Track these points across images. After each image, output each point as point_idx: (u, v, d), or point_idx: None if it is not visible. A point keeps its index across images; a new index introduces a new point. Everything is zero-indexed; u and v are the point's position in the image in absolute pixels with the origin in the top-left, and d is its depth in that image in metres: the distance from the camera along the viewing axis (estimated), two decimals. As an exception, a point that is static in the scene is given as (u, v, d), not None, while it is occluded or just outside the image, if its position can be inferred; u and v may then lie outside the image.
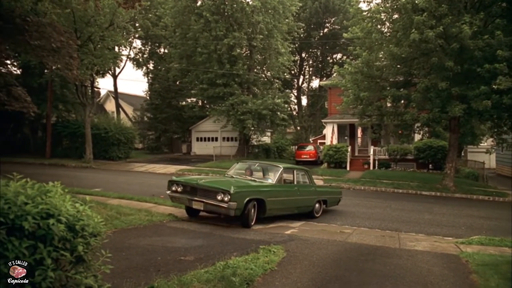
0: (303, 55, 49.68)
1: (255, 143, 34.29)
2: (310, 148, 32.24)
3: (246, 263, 5.19)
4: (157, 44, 41.70)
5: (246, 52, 32.62)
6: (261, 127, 32.50)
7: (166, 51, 40.03)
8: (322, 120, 31.65)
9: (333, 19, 46.07)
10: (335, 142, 27.16)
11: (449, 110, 16.14)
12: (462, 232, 9.93)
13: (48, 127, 28.11)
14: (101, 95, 45.25)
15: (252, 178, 9.86)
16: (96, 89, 31.10)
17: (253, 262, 5.32)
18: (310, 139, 44.04)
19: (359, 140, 29.64)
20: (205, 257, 5.63)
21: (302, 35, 40.87)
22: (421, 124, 19.01)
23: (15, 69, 28.14)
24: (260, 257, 5.63)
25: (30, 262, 2.04)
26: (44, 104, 26.96)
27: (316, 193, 11.05)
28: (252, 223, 8.71)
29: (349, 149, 25.69)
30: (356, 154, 28.19)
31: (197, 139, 38.31)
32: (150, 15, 37.88)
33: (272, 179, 9.90)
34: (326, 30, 47.98)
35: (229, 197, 8.05)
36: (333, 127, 27.73)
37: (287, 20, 32.65)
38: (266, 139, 37.64)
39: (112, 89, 43.28)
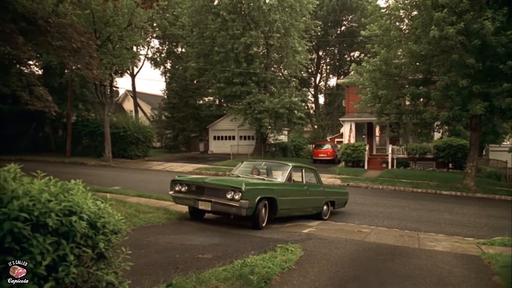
0: (320, 53, 49.40)
1: (272, 142, 34.28)
2: (327, 146, 32.07)
3: (263, 262, 5.19)
4: (175, 44, 42.05)
5: (263, 51, 32.62)
6: (278, 125, 32.47)
7: (183, 50, 40.32)
8: (340, 119, 31.43)
9: (350, 16, 45.72)
10: (352, 140, 26.94)
11: (470, 108, 15.83)
12: (484, 232, 9.73)
13: (69, 126, 28.62)
14: (120, 94, 45.89)
15: (260, 177, 9.44)
16: (114, 89, 31.58)
17: (270, 260, 5.31)
18: (328, 138, 43.80)
19: (377, 138, 29.35)
20: (223, 255, 5.65)
21: (319, 33, 40.67)
22: (440, 122, 18.71)
23: (37, 69, 28.83)
24: (278, 256, 5.62)
25: (54, 258, 2.08)
26: (65, 104, 27.47)
27: (324, 193, 10.66)
28: (263, 224, 8.20)
29: (367, 148, 25.45)
30: (374, 153, 27.92)
31: (214, 138, 38.50)
32: (168, 14, 38.20)
33: (281, 178, 9.42)
34: (343, 28, 47.61)
35: (240, 195, 7.50)
36: (350, 126, 27.50)
37: (304, 18, 32.51)
38: (283, 137, 37.58)
39: (130, 88, 43.85)
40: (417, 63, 17.98)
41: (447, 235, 9.04)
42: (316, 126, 47.18)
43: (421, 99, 18.95)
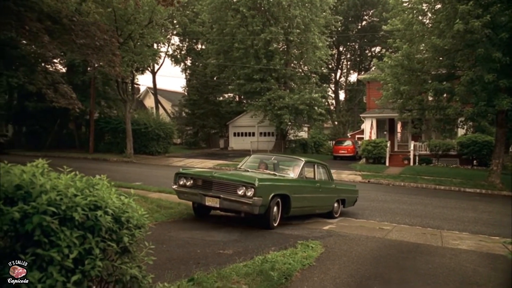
0: (341, 48, 48.94)
1: (292, 138, 34.19)
2: (348, 143, 31.79)
3: (284, 258, 5.19)
4: (195, 41, 42.32)
5: (283, 47, 32.51)
6: (298, 122, 32.37)
7: (203, 47, 40.55)
8: (361, 115, 31.11)
9: (371, 11, 45.11)
10: (373, 137, 26.64)
11: (496, 104, 15.42)
12: (510, 231, 9.47)
13: (91, 122, 29.17)
14: (141, 91, 46.49)
15: (271, 172, 8.75)
16: (136, 86, 31.99)
17: (291, 257, 5.31)
18: (348, 134, 43.39)
19: (399, 135, 28.92)
20: (243, 251, 5.68)
21: (339, 29, 40.28)
22: (465, 118, 18.30)
23: (61, 67, 29.45)
24: (298, 252, 5.62)
25: (80, 251, 2.13)
26: (87, 101, 27.99)
27: (336, 191, 10.07)
28: (276, 224, 7.60)
29: (388, 144, 25.13)
30: (396, 149, 27.55)
31: (234, 134, 38.62)
32: (188, 12, 38.43)
33: (293, 173, 8.73)
34: (364, 23, 47.05)
35: (253, 191, 6.82)
36: (371, 122, 27.19)
37: (324, 13, 32.23)
38: (303, 134, 37.43)
39: (151, 85, 44.36)
40: (441, 58, 17.62)
41: (471, 234, 8.85)
42: (336, 122, 46.80)
43: (445, 95, 18.57)
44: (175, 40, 44.27)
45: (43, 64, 17.35)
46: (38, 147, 30.55)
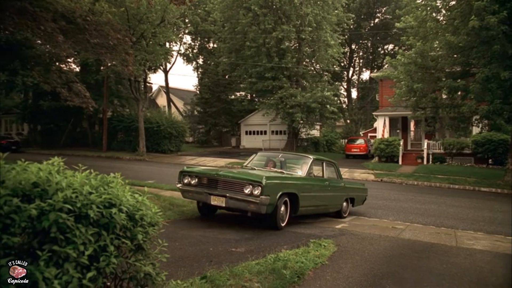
0: (353, 46, 48.63)
1: (304, 137, 34.10)
2: (360, 141, 31.59)
3: (296, 257, 5.18)
4: (206, 39, 42.46)
5: (295, 45, 32.43)
6: (310, 120, 32.27)
7: (215, 45, 40.67)
8: (373, 113, 30.86)
9: (384, 8, 44.71)
10: (386, 135, 26.42)
11: (513, 101, 15.17)
12: (526, 231, 9.32)
13: (105, 121, 29.48)
14: (153, 90, 46.86)
15: (279, 170, 8.49)
16: (148, 85, 32.26)
17: (303, 255, 5.30)
18: (361, 133, 43.11)
19: (412, 133, 28.64)
20: (256, 249, 5.68)
21: (352, 26, 40.00)
22: (480, 116, 18.01)
23: (75, 66, 29.82)
24: (311, 251, 5.60)
25: (95, 248, 2.15)
26: (101, 100, 28.30)
27: (345, 189, 9.76)
28: (284, 224, 7.33)
29: (401, 143, 24.91)
30: (409, 148, 27.28)
31: (246, 133, 38.67)
32: (199, 10, 38.59)
33: (301, 171, 8.43)
34: (377, 20, 46.66)
35: (260, 190, 6.59)
36: (384, 120, 26.96)
37: (336, 11, 32.06)
38: (315, 132, 37.31)
39: (163, 84, 44.71)
40: (455, 55, 17.38)
41: (486, 234, 8.72)
42: (348, 121, 46.56)
43: (459, 93, 18.32)
44: (187, 39, 44.65)
45: (57, 64, 17.57)
46: (52, 146, 31.02)
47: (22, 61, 17.30)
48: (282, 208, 7.22)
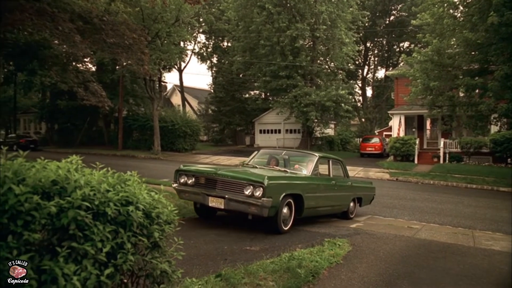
0: (368, 44, 48.19)
1: (318, 135, 33.96)
2: (375, 140, 31.32)
3: (311, 256, 5.17)
4: (221, 38, 42.56)
5: (309, 43, 32.29)
6: (325, 119, 32.11)
7: (229, 44, 40.73)
8: (389, 112, 30.57)
9: (400, 5, 44.16)
10: (402, 134, 26.15)
11: (533, 99, 14.85)
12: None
13: (120, 120, 29.82)
14: (168, 89, 47.16)
15: (282, 169, 7.95)
16: (163, 84, 32.48)
17: (318, 254, 5.28)
18: (376, 131, 42.74)
19: (428, 132, 28.27)
20: (270, 248, 5.69)
21: (366, 24, 39.61)
22: (498, 115, 17.66)
23: (91, 66, 30.21)
24: (325, 250, 5.58)
25: (113, 246, 2.18)
26: (116, 99, 28.64)
27: (352, 189, 9.30)
28: (287, 228, 6.84)
29: (417, 142, 24.63)
30: (425, 147, 26.95)
31: (260, 131, 38.67)
32: (214, 9, 38.70)
33: (306, 170, 7.92)
34: (392, 17, 46.15)
35: (261, 191, 6.14)
36: (400, 119, 26.68)
37: (351, 9, 31.81)
38: (330, 131, 37.14)
39: (178, 83, 44.96)
40: (473, 52, 17.07)
41: (505, 234, 8.55)
42: (363, 119, 46.18)
43: (477, 90, 17.99)
44: (201, 38, 44.79)
45: (74, 63, 17.85)
46: (69, 144, 31.51)
47: (40, 61, 17.63)
48: (285, 210, 6.77)
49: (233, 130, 40.98)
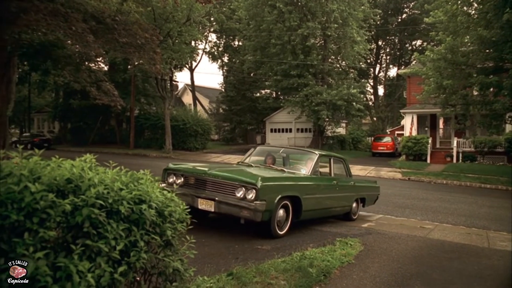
0: (380, 43, 47.82)
1: (330, 134, 33.82)
2: (387, 139, 31.10)
3: (322, 255, 5.15)
4: (232, 37, 42.62)
5: (320, 42, 32.16)
6: (336, 118, 31.97)
7: (240, 43, 40.76)
8: (401, 111, 30.30)
9: (412, 3, 43.68)
10: (414, 133, 25.91)
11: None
12: None
13: (132, 119, 30.06)
14: (179, 88, 47.39)
15: (279, 168, 7.47)
16: (174, 83, 32.67)
17: (329, 254, 5.26)
18: (387, 130, 42.42)
19: (441, 131, 27.96)
20: (281, 247, 5.68)
21: (378, 22, 39.33)
22: (514, 113, 17.44)
23: (103, 65, 30.49)
24: (337, 250, 5.56)
25: (126, 244, 2.20)
26: (128, 98, 28.87)
27: (355, 189, 8.76)
28: (283, 232, 6.29)
29: (429, 141, 24.38)
30: (438, 146, 26.68)
31: (271, 130, 38.64)
32: (225, 9, 38.75)
33: (305, 169, 7.37)
34: (404, 15, 45.72)
35: (254, 193, 5.64)
36: (412, 118, 26.44)
37: (362, 7, 31.59)
38: (341, 130, 36.97)
39: (189, 82, 45.16)
40: (487, 50, 16.83)
41: (520, 235, 8.43)
42: (375, 118, 45.85)
43: (491, 89, 17.74)
44: (212, 37, 44.94)
45: (87, 63, 18.03)
46: (82, 143, 31.87)
47: (53, 61, 17.84)
48: (281, 213, 6.24)
49: (244, 129, 41.02)
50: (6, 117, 13.70)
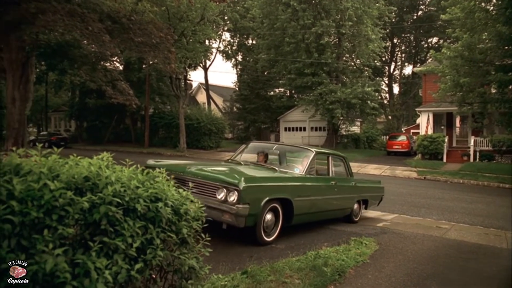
0: (395, 40, 47.30)
1: (344, 133, 33.61)
2: (402, 138, 30.75)
3: (337, 254, 5.13)
4: (245, 36, 42.63)
5: (335, 40, 31.95)
6: (350, 116, 31.74)
7: (254, 42, 40.75)
8: (416, 109, 29.93)
9: (428, 0, 43.08)
10: (430, 132, 25.55)
11: None
12: None
13: (146, 118, 30.31)
14: (193, 87, 47.62)
15: (270, 167, 6.93)
16: (188, 82, 32.80)
17: (344, 253, 5.24)
18: (403, 129, 41.95)
19: (458, 130, 27.53)
20: (296, 246, 5.67)
21: (393, 20, 38.87)
22: (534, 111, 17.08)
23: (119, 65, 30.84)
24: (352, 249, 5.53)
25: (143, 241, 2.22)
26: (143, 97, 29.13)
27: (356, 190, 8.21)
28: (271, 239, 5.70)
29: (446, 140, 24.02)
30: (454, 145, 26.27)
31: (285, 129, 38.54)
32: (238, 7, 38.77)
33: (300, 168, 6.84)
34: (420, 12, 45.13)
35: (236, 195, 5.07)
36: (428, 116, 26.08)
37: (377, 4, 31.28)
38: (356, 129, 36.69)
39: (203, 81, 45.32)
40: (506, 47, 16.51)
41: (540, 235, 8.25)
42: (390, 117, 45.37)
43: (510, 87, 17.41)
44: (226, 36, 44.91)
45: (102, 63, 18.25)
46: (97, 142, 32.29)
47: (70, 61, 18.10)
48: (269, 217, 5.63)
49: (258, 128, 40.99)
50: (25, 116, 13.95)
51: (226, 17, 38.47)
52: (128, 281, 2.15)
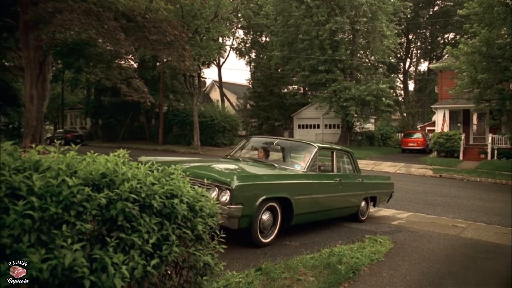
0: (410, 36, 46.68)
1: (358, 130, 33.37)
2: (417, 135, 30.42)
3: (351, 252, 5.10)
4: (259, 33, 42.55)
5: (349, 37, 31.71)
6: (365, 113, 31.49)
7: (267, 39, 40.68)
8: (432, 106, 29.53)
9: (445, -5, 42.43)
10: (446, 129, 25.21)
11: None
12: None
13: (161, 115, 30.54)
14: (207, 84, 47.76)
15: (270, 163, 6.58)
16: (202, 79, 32.92)
17: (358, 251, 5.21)
18: (418, 126, 41.45)
19: (475, 127, 27.09)
20: (310, 243, 5.66)
21: (409, 15, 38.35)
22: (554, 108, 16.71)
23: (133, 63, 31.06)
24: (366, 247, 5.50)
25: (158, 237, 2.24)
26: (157, 94, 29.34)
27: (363, 187, 7.77)
28: (268, 240, 5.37)
29: (462, 137, 23.67)
30: (471, 142, 25.87)
31: (299, 126, 38.42)
32: (252, 4, 38.72)
33: (301, 164, 6.45)
34: (436, 8, 44.42)
35: (229, 195, 4.78)
36: (444, 113, 25.72)
37: (392, 0, 30.87)
38: (370, 126, 36.39)
39: (216, 78, 45.41)
40: (526, 43, 16.19)
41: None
42: (405, 114, 44.86)
43: (530, 83, 17.08)
44: (240, 33, 44.91)
45: (117, 61, 18.43)
46: (112, 139, 32.66)
47: (86, 59, 18.33)
48: (266, 218, 5.30)
49: (272, 125, 40.93)
50: (42, 113, 14.18)
51: (239, 15, 38.45)
52: (144, 277, 2.18)
